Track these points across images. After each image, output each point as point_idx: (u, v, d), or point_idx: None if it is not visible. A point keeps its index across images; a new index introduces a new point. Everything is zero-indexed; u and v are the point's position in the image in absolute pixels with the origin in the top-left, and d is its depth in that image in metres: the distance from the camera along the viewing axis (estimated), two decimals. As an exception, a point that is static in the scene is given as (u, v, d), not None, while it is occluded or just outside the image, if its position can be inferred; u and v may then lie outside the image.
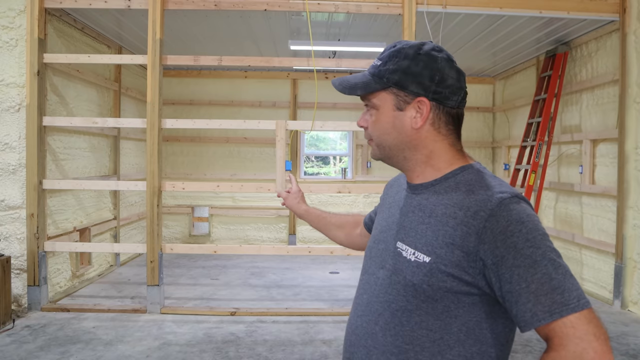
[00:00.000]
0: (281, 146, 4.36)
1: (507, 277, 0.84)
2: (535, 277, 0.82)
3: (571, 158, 5.53)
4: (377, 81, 1.00)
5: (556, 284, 0.82)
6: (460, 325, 0.91)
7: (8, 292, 3.91)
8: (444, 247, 0.91)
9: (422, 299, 0.93)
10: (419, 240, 0.95)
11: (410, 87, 0.97)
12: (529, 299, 0.82)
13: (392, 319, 0.97)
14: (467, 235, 0.89)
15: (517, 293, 0.83)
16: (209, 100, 7.51)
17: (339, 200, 7.50)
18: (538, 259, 0.83)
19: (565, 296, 0.81)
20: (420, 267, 0.93)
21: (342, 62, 4.63)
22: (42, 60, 4.20)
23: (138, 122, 4.49)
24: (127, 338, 3.66)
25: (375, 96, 1.01)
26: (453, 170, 1.00)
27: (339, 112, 7.58)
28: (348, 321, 1.10)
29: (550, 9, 4.37)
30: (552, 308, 0.81)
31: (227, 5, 4.27)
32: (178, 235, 7.60)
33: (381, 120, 1.01)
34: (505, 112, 7.36)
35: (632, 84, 4.42)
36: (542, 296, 0.81)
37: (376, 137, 1.03)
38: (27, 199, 4.20)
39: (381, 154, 1.05)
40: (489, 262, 0.86)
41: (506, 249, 0.85)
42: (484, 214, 0.88)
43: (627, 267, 4.46)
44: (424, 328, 0.93)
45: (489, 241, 0.86)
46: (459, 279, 0.90)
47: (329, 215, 1.53)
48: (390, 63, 0.99)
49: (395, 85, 0.98)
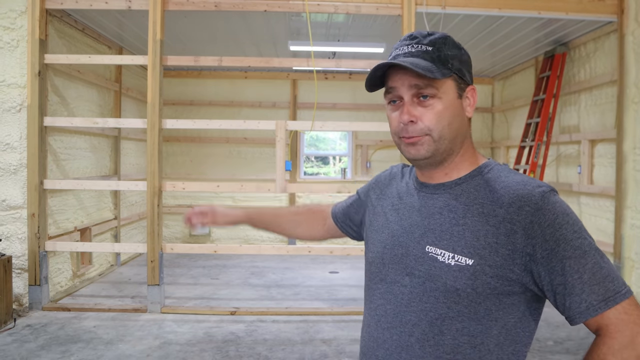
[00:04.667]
0: (281, 146, 4.38)
1: (558, 269, 0.84)
2: (587, 267, 0.83)
3: (569, 158, 5.55)
4: (442, 67, 0.93)
5: (606, 272, 0.84)
6: (500, 328, 0.90)
7: (9, 291, 3.92)
8: (487, 248, 0.88)
9: (465, 304, 0.90)
10: (457, 242, 0.91)
11: (466, 75, 0.97)
12: (583, 289, 0.83)
13: (430, 328, 0.92)
14: (512, 232, 0.87)
15: (571, 284, 0.83)
16: (209, 101, 7.53)
17: (339, 200, 7.52)
18: (587, 249, 0.84)
19: (616, 284, 0.83)
20: (462, 270, 0.89)
21: (342, 63, 4.65)
22: (43, 61, 4.21)
23: (138, 123, 4.51)
24: (128, 337, 3.68)
25: (439, 83, 0.93)
26: (477, 168, 0.98)
27: (339, 112, 7.60)
28: (367, 335, 1.03)
29: (549, 9, 4.39)
30: (607, 296, 0.82)
31: (227, 6, 4.29)
32: (178, 235, 7.62)
33: (447, 109, 0.94)
34: (504, 113, 7.38)
35: (630, 84, 4.44)
36: (596, 285, 0.83)
37: (438, 129, 0.93)
38: (28, 198, 4.22)
39: (437, 149, 0.95)
40: (539, 255, 0.85)
41: (556, 242, 0.84)
42: (530, 208, 0.86)
43: (625, 266, 4.48)
44: (466, 334, 0.90)
45: (537, 235, 0.85)
46: (504, 278, 0.88)
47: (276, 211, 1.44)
48: (446, 49, 0.94)
49: (458, 72, 0.95)
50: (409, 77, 0.93)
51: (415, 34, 0.97)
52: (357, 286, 5.33)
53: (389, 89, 0.97)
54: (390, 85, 0.96)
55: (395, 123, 0.97)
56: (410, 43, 0.96)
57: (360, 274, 5.91)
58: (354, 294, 5.01)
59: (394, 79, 0.95)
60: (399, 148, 1.00)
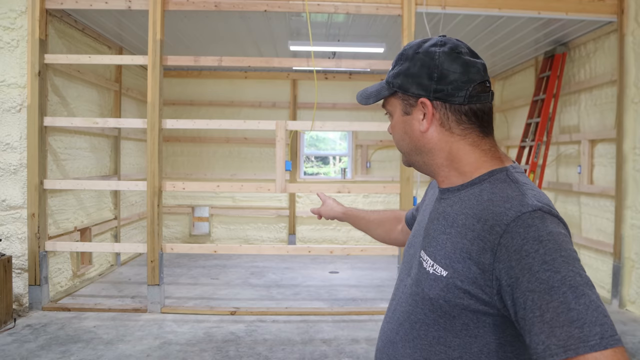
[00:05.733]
0: (281, 146, 4.39)
1: (521, 302, 0.74)
2: (551, 305, 0.71)
3: (569, 158, 5.55)
4: (387, 87, 0.98)
5: (575, 315, 0.69)
6: (481, 347, 0.84)
7: (9, 291, 3.92)
8: (461, 262, 0.84)
9: (440, 314, 0.87)
10: (439, 252, 0.90)
11: (412, 89, 0.93)
12: (542, 330, 0.71)
13: (411, 330, 0.93)
14: (483, 250, 0.81)
15: (531, 321, 0.72)
16: (209, 101, 7.53)
17: (339, 200, 7.51)
18: (555, 284, 0.72)
19: (585, 331, 0.68)
20: (437, 280, 0.88)
21: (342, 63, 4.65)
22: (43, 61, 4.22)
23: (138, 123, 4.51)
24: (128, 337, 3.68)
25: (388, 103, 1.00)
26: (480, 176, 0.91)
27: (339, 112, 7.60)
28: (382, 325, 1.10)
29: (549, 9, 4.39)
30: (568, 343, 0.68)
31: (227, 6, 4.29)
32: (178, 235, 7.62)
33: (395, 126, 1.00)
34: (504, 113, 7.38)
35: (629, 84, 4.44)
36: (558, 328, 0.69)
37: (395, 143, 1.02)
38: (28, 198, 4.22)
39: (405, 160, 1.03)
40: (504, 283, 0.77)
41: (521, 271, 0.75)
42: (499, 229, 0.80)
43: (625, 266, 4.48)
44: (442, 344, 0.88)
45: (503, 260, 0.78)
46: (475, 297, 0.82)
47: (367, 214, 1.51)
48: (396, 67, 0.97)
49: (400, 89, 0.95)
50: None
51: (401, 50, 1.00)
52: (357, 286, 5.33)
53: None
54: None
55: None
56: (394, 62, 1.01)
57: (360, 273, 5.91)
58: (354, 294, 5.01)
59: None
60: None
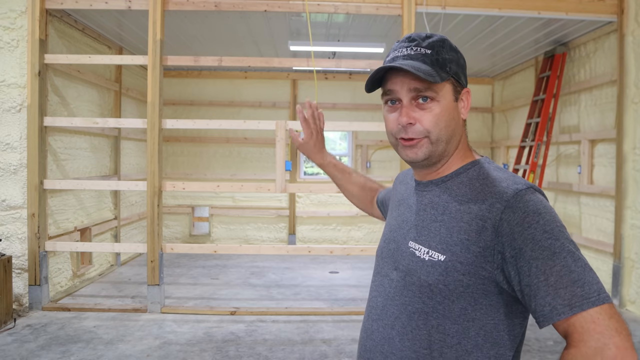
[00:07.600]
0: (281, 146, 4.39)
1: (525, 269, 0.81)
2: (554, 269, 0.79)
3: (569, 158, 5.55)
4: (440, 71, 0.93)
5: (576, 276, 0.79)
6: (478, 329, 0.89)
7: (9, 291, 3.92)
8: (459, 244, 0.88)
9: (439, 300, 0.90)
10: (433, 238, 0.93)
11: (462, 78, 0.98)
12: (548, 292, 0.79)
13: (409, 322, 0.93)
14: (483, 229, 0.86)
15: (536, 286, 0.80)
16: (209, 101, 7.53)
17: (339, 200, 7.52)
18: (557, 250, 0.80)
19: (586, 289, 0.78)
20: (435, 266, 0.90)
21: (342, 63, 4.65)
22: (43, 61, 4.22)
23: (138, 123, 4.51)
24: (128, 337, 3.68)
25: (438, 86, 0.94)
26: (464, 165, 0.98)
27: (339, 112, 7.60)
28: (362, 325, 1.07)
29: (549, 9, 4.39)
30: (572, 301, 0.77)
31: (227, 6, 4.29)
32: (178, 235, 7.62)
33: (444, 112, 0.95)
34: (504, 113, 7.38)
35: (629, 84, 4.44)
36: (562, 289, 0.78)
37: (436, 131, 0.94)
38: (28, 198, 4.22)
39: (434, 151, 0.96)
40: (508, 255, 0.84)
41: (524, 241, 0.82)
42: (500, 205, 0.86)
43: (625, 266, 4.48)
44: (441, 332, 0.90)
45: (506, 234, 0.84)
46: (476, 276, 0.87)
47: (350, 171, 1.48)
48: (444, 53, 0.95)
49: (455, 76, 0.96)
50: (409, 80, 0.93)
51: (413, 36, 0.97)
52: (357, 286, 5.33)
53: (387, 91, 0.98)
54: (389, 87, 0.97)
55: (393, 124, 0.98)
56: (409, 45, 0.96)
57: (360, 273, 5.91)
58: (354, 294, 5.01)
59: (393, 81, 0.96)
60: (396, 149, 1.01)
